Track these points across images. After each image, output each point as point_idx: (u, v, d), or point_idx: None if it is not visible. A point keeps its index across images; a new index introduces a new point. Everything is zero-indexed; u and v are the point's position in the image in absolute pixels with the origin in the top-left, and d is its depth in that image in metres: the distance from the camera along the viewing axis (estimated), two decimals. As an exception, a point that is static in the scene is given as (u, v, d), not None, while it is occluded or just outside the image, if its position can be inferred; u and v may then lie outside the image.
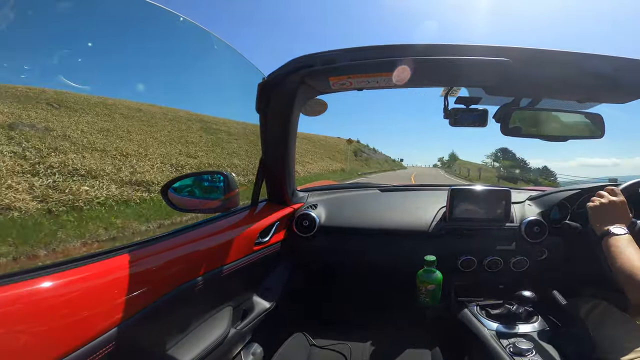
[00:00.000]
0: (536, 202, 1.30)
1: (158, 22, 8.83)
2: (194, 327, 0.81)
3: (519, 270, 1.19)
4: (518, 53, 0.72)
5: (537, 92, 0.90)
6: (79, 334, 0.51)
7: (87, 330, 0.52)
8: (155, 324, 0.67)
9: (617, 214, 0.88)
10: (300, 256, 1.28)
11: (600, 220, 0.89)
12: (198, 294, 0.78)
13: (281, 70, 0.85)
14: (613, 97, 0.89)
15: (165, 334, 0.73)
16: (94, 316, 0.54)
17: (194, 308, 0.82)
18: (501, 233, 1.20)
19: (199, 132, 12.59)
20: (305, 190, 1.49)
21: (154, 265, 0.68)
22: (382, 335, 1.07)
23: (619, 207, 0.89)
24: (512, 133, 0.90)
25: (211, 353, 0.80)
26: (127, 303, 0.60)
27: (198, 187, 1.02)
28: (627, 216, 0.89)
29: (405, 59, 0.74)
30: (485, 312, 1.03)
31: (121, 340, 0.57)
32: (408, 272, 1.17)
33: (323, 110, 1.09)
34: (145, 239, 0.76)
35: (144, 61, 14.65)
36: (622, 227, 0.83)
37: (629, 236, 0.81)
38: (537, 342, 0.88)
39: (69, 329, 0.50)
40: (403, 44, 0.75)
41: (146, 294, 0.64)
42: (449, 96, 0.97)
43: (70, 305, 0.52)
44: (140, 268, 0.65)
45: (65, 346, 0.49)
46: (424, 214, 1.27)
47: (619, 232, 0.82)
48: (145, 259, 0.68)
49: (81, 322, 0.52)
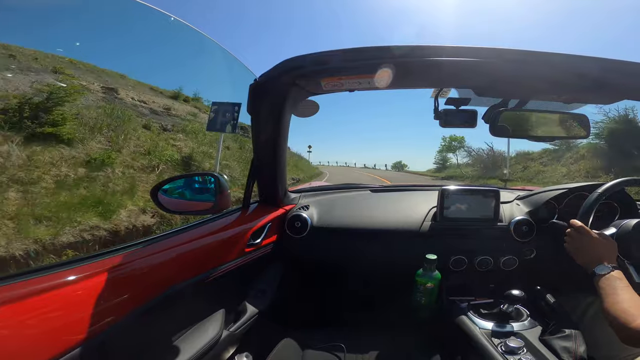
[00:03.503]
0: (524, 201, 1.32)
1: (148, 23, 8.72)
2: (186, 330, 0.80)
3: (508, 269, 1.20)
4: (507, 54, 0.73)
5: (524, 93, 0.91)
6: (67, 338, 0.50)
7: (74, 334, 0.52)
8: (145, 327, 0.66)
9: (593, 251, 0.87)
10: (293, 257, 1.28)
11: (582, 261, 0.88)
12: (189, 296, 0.78)
13: (273, 71, 0.85)
14: (598, 98, 0.91)
15: (156, 337, 0.72)
16: (82, 320, 0.53)
17: (185, 311, 0.81)
18: (491, 232, 1.21)
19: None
20: (297, 191, 1.49)
21: (144, 268, 0.67)
22: (375, 335, 1.07)
23: (594, 244, 0.88)
24: (500, 134, 0.92)
25: (204, 356, 0.79)
26: (116, 306, 0.59)
27: (189, 188, 1.01)
28: (605, 248, 0.87)
29: (397, 60, 0.75)
30: (476, 312, 1.04)
31: (110, 344, 0.56)
32: (400, 272, 1.17)
33: (315, 111, 1.09)
34: (135, 242, 0.75)
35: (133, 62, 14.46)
36: (604, 264, 0.81)
37: (614, 274, 0.78)
38: (528, 341, 0.89)
39: (56, 333, 0.49)
40: (395, 45, 0.75)
41: (136, 296, 0.63)
42: (439, 97, 0.98)
43: (57, 309, 0.51)
44: (129, 270, 0.64)
45: (52, 350, 0.48)
46: (415, 214, 1.28)
47: (602, 271, 0.80)
48: (134, 262, 0.67)
49: (69, 326, 0.51)
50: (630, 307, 0.69)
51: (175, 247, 0.78)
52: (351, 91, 0.92)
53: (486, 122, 0.94)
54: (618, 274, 0.79)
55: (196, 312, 0.85)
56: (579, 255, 0.90)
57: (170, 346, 0.75)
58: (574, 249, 0.92)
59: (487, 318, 1.00)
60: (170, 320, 0.76)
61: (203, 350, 0.79)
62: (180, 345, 0.76)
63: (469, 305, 1.07)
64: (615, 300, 0.72)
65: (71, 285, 0.54)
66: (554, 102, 0.95)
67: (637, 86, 0.81)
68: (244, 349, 1.01)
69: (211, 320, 0.87)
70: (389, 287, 1.33)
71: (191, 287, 0.78)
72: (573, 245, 0.93)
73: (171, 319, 0.76)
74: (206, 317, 0.87)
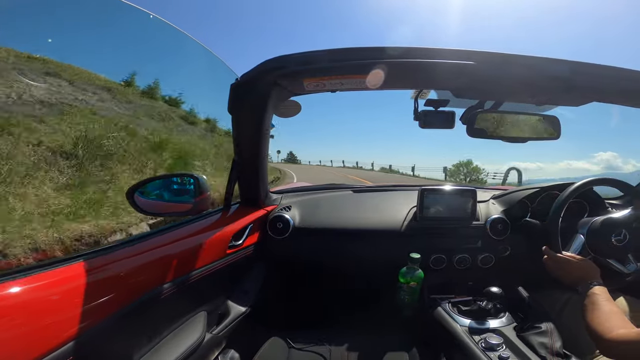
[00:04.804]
0: (499, 200, 1.37)
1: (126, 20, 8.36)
2: (167, 334, 0.78)
3: (486, 266, 1.24)
4: (483, 57, 0.75)
5: (499, 94, 0.94)
6: (38, 345, 0.48)
7: (46, 340, 0.49)
8: (123, 333, 0.64)
9: (573, 275, 0.90)
10: (275, 258, 1.27)
11: (567, 284, 0.92)
12: (169, 299, 0.76)
13: (254, 71, 0.84)
14: (568, 99, 0.95)
15: (135, 343, 0.70)
16: (55, 325, 0.51)
17: (165, 314, 0.79)
18: (468, 231, 1.25)
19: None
20: (279, 192, 1.48)
21: (121, 271, 0.65)
22: (360, 334, 1.07)
23: (571, 268, 0.92)
24: (477, 134, 0.94)
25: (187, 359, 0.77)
26: (93, 310, 0.56)
27: (167, 189, 0.98)
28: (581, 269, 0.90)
29: (378, 61, 0.76)
30: (457, 309, 1.06)
31: (84, 351, 0.53)
32: (383, 272, 1.18)
33: (297, 111, 1.09)
34: (112, 244, 0.72)
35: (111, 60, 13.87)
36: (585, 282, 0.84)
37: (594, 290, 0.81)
38: (506, 337, 0.91)
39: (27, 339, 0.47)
40: (377, 46, 0.76)
41: (112, 301, 0.61)
42: (419, 98, 1.00)
43: (29, 314, 0.48)
44: (105, 274, 0.61)
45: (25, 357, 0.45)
46: (396, 214, 1.30)
47: (584, 290, 0.83)
48: (111, 265, 0.64)
49: (40, 332, 0.49)
50: (608, 319, 0.72)
51: (154, 249, 0.75)
52: (333, 92, 0.92)
53: (464, 124, 0.96)
54: (599, 289, 0.81)
55: (177, 316, 0.83)
56: (562, 279, 0.94)
57: (151, 350, 0.73)
58: (556, 276, 0.96)
59: (467, 315, 1.02)
60: (150, 324, 0.74)
61: (186, 353, 0.77)
62: (161, 349, 0.74)
63: (450, 303, 1.09)
64: (595, 315, 0.75)
65: (41, 291, 0.51)
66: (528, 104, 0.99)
67: (605, 88, 0.85)
68: (229, 351, 1.00)
69: (193, 323, 0.85)
70: (373, 286, 1.34)
71: (171, 290, 0.75)
72: (554, 273, 0.96)
73: (151, 322, 0.74)
74: (188, 320, 0.85)
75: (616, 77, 0.81)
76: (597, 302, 0.77)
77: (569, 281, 0.91)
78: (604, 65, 0.79)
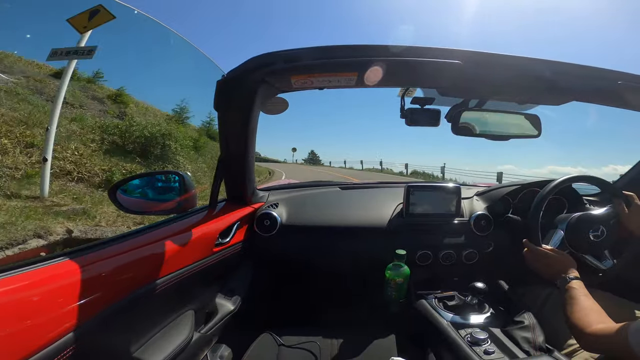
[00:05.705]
0: (483, 197, 1.40)
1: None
2: (154, 334, 0.77)
3: (470, 262, 1.26)
4: (468, 55, 0.77)
5: (483, 93, 0.96)
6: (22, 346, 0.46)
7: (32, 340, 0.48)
8: (108, 333, 0.63)
9: (551, 268, 0.92)
10: (263, 256, 1.27)
11: (546, 277, 0.94)
12: (155, 298, 0.74)
13: (241, 68, 0.83)
14: (549, 98, 0.97)
15: (121, 343, 0.69)
16: (40, 325, 0.49)
17: (152, 314, 0.77)
18: (453, 227, 1.27)
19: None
20: (266, 189, 1.47)
21: (106, 270, 0.63)
22: (349, 331, 1.08)
23: (550, 261, 0.93)
24: (461, 132, 0.96)
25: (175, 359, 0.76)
26: (77, 310, 0.55)
27: (151, 187, 0.96)
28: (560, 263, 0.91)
29: (366, 59, 0.76)
30: (442, 304, 1.07)
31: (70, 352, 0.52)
32: (370, 268, 1.19)
33: (284, 108, 1.08)
34: (96, 242, 0.70)
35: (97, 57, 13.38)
36: (563, 276, 0.86)
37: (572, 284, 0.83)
38: (491, 332, 0.93)
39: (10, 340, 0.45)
40: (365, 44, 0.76)
41: (97, 300, 0.60)
42: (406, 96, 1.01)
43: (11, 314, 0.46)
44: (90, 273, 0.60)
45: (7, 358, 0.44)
46: (382, 211, 1.31)
47: (562, 284, 0.85)
48: (96, 264, 0.63)
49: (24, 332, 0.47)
50: (587, 314, 0.74)
51: (139, 247, 0.74)
52: (321, 89, 0.92)
53: (448, 122, 0.98)
54: (576, 284, 0.83)
55: (164, 314, 0.82)
56: (541, 273, 0.96)
57: (139, 350, 0.72)
58: (535, 269, 0.98)
59: (453, 310, 1.04)
60: (136, 325, 0.72)
61: (174, 352, 0.76)
62: (149, 348, 0.73)
63: (436, 298, 1.10)
64: (574, 309, 0.77)
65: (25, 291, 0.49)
66: (510, 103, 1.01)
67: (584, 88, 0.87)
68: (218, 349, 0.99)
69: (180, 323, 0.85)
70: (360, 283, 1.35)
71: (158, 288, 0.74)
72: (533, 266, 0.98)
73: (137, 322, 0.73)
74: (175, 319, 0.84)
75: (593, 77, 0.83)
76: (575, 296, 0.79)
77: (548, 274, 0.93)
78: (583, 65, 0.81)
